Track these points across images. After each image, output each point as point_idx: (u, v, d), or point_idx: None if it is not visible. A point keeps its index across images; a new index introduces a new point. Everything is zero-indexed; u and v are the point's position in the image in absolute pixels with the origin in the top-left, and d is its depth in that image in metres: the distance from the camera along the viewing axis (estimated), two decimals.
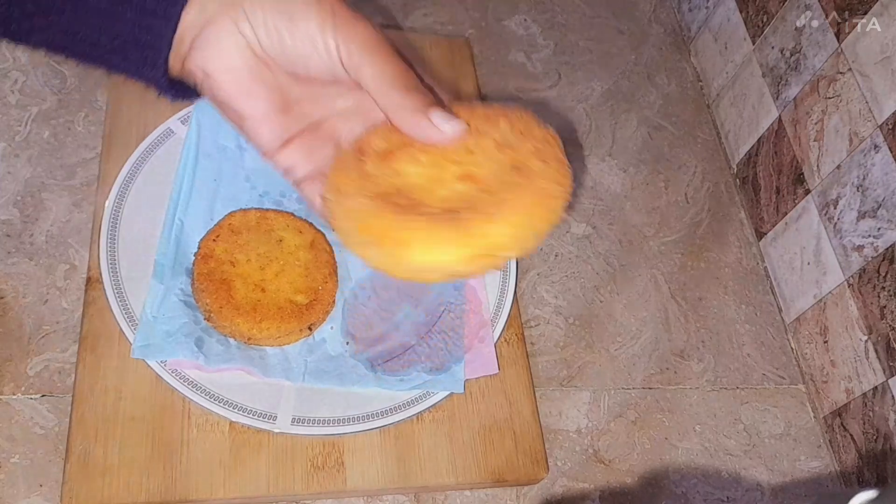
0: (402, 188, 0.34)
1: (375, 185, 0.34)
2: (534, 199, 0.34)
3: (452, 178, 0.35)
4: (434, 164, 0.35)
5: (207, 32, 0.35)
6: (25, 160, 0.63)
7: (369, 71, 0.35)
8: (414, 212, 0.33)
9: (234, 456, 0.53)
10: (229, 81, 0.36)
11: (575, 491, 0.60)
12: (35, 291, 0.58)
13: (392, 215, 0.33)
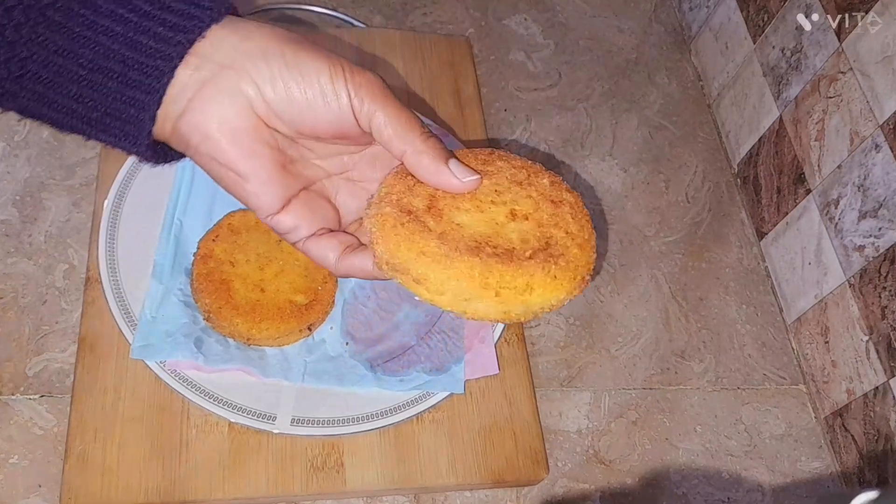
0: (478, 237, 0.36)
1: (456, 242, 0.35)
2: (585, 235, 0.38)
3: (505, 219, 0.37)
4: (478, 209, 0.37)
5: (205, 93, 0.34)
6: (24, 160, 0.63)
7: (383, 118, 0.35)
8: (518, 257, 0.35)
9: (234, 456, 0.53)
10: (230, 143, 0.35)
11: (575, 491, 0.60)
12: (34, 291, 0.58)
13: (502, 266, 0.35)
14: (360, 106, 0.35)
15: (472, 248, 0.35)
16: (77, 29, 0.32)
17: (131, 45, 0.32)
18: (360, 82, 0.35)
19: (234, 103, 0.34)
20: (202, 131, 0.34)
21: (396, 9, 0.82)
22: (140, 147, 0.35)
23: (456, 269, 0.34)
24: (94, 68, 0.33)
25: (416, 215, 0.36)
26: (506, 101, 0.78)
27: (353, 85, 0.35)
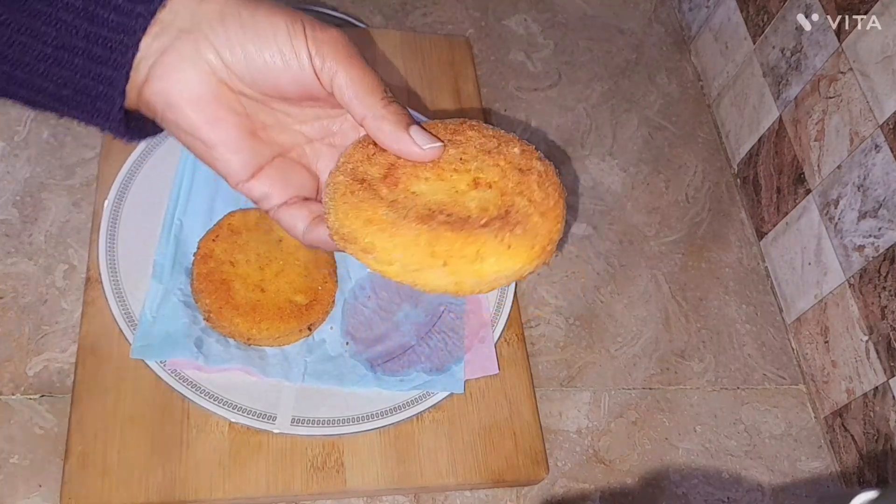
0: (432, 206, 0.34)
1: (407, 209, 0.34)
2: (554, 197, 0.36)
3: (466, 187, 0.35)
4: (439, 177, 0.36)
5: (166, 60, 0.33)
6: (25, 160, 0.63)
7: (345, 78, 0.34)
8: (471, 225, 0.33)
9: (234, 456, 0.53)
10: (194, 110, 0.34)
11: (575, 491, 0.60)
12: (34, 291, 0.58)
13: (452, 233, 0.33)
14: (321, 65, 0.34)
15: (422, 216, 0.33)
16: (38, 6, 0.32)
17: (93, 19, 0.32)
18: (322, 39, 0.34)
19: (196, 69, 0.33)
20: (165, 99, 0.34)
21: (396, 9, 0.82)
22: (113, 122, 0.35)
23: (402, 237, 0.33)
24: (59, 45, 0.32)
25: (370, 183, 0.35)
26: (506, 101, 0.78)
27: (313, 43, 0.34)
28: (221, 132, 0.35)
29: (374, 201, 0.34)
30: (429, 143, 0.36)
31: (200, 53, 0.33)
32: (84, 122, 0.35)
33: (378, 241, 0.33)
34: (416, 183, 0.35)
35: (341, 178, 0.35)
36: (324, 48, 0.34)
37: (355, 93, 0.34)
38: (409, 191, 0.35)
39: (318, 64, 0.34)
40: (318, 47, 0.34)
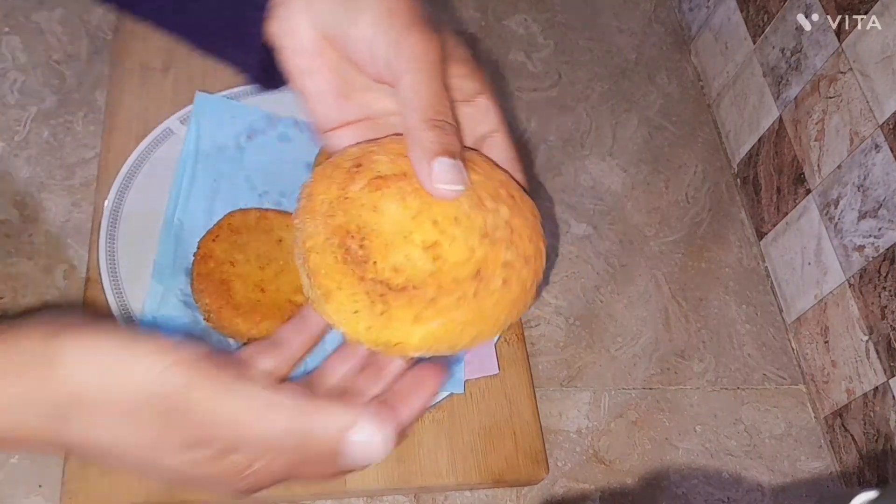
0: (366, 229, 0.33)
1: (344, 213, 0.33)
2: (469, 317, 0.34)
3: (420, 241, 0.33)
4: (417, 212, 0.34)
5: (284, 4, 0.35)
6: (24, 160, 0.63)
7: (404, 85, 0.33)
8: (357, 270, 0.33)
9: None
10: (294, 58, 0.36)
11: (575, 491, 0.60)
12: (34, 292, 0.58)
13: (333, 262, 0.33)
14: (388, 63, 0.34)
15: (337, 228, 0.33)
16: None
17: None
18: (399, 40, 0.33)
19: (303, 21, 0.35)
20: (275, 42, 0.36)
21: None
22: (253, 57, 0.37)
23: (309, 231, 0.34)
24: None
25: (360, 173, 0.34)
26: (506, 101, 0.78)
27: (391, 38, 0.33)
28: (314, 85, 0.37)
29: (334, 183, 0.34)
30: (446, 182, 0.33)
31: (309, 6, 0.35)
32: (226, 57, 0.38)
33: (301, 216, 0.34)
34: (392, 202, 0.34)
35: (350, 152, 0.35)
36: (399, 46, 0.33)
37: (406, 105, 0.33)
38: (375, 202, 0.34)
39: (388, 59, 0.34)
40: (394, 43, 0.33)
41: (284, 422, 0.31)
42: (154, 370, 0.30)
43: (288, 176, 0.64)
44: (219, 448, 0.31)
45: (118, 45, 0.66)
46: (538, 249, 0.36)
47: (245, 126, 0.64)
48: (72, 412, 0.30)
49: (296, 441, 0.31)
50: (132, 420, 0.30)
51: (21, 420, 0.30)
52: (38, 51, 0.67)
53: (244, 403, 0.31)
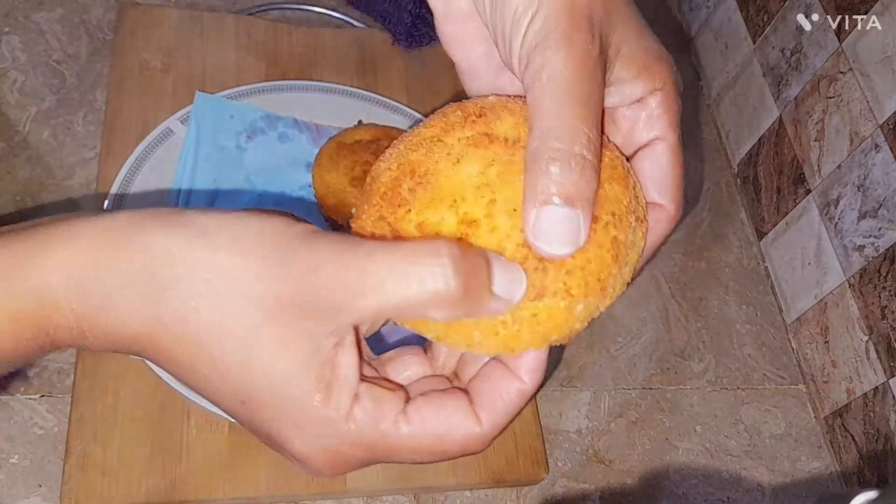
0: (430, 176, 0.30)
1: (426, 153, 0.30)
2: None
3: (463, 212, 0.29)
4: (488, 183, 0.29)
5: None
6: (24, 160, 0.63)
7: (531, 98, 0.27)
8: (386, 208, 0.30)
9: (234, 457, 0.53)
10: (448, 24, 0.33)
11: (575, 491, 0.60)
12: None
13: (377, 190, 0.31)
14: (526, 77, 0.28)
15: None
16: None
17: None
18: (547, 54, 0.27)
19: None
20: (432, 5, 0.33)
21: None
22: (404, 14, 0.35)
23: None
24: None
25: (413, 199, 0.30)
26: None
27: (535, 48, 0.27)
28: (464, 55, 0.34)
29: (376, 206, 0.31)
30: (549, 238, 0.26)
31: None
32: (374, 13, 0.35)
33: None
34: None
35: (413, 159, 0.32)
36: (543, 60, 0.27)
37: (533, 121, 0.27)
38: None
39: (524, 71, 0.28)
40: (539, 55, 0.27)
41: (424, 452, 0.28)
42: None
43: (288, 176, 0.64)
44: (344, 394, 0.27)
45: (118, 45, 0.66)
46: (570, 306, 0.29)
47: (245, 126, 0.64)
48: (170, 285, 0.26)
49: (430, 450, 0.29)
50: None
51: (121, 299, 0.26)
52: (38, 51, 0.67)
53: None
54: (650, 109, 0.30)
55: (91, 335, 0.26)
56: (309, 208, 0.62)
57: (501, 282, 0.26)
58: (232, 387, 0.26)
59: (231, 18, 0.70)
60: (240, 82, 0.66)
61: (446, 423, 0.28)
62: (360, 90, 0.68)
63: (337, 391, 0.26)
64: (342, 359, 0.26)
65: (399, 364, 0.32)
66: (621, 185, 0.30)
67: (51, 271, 0.25)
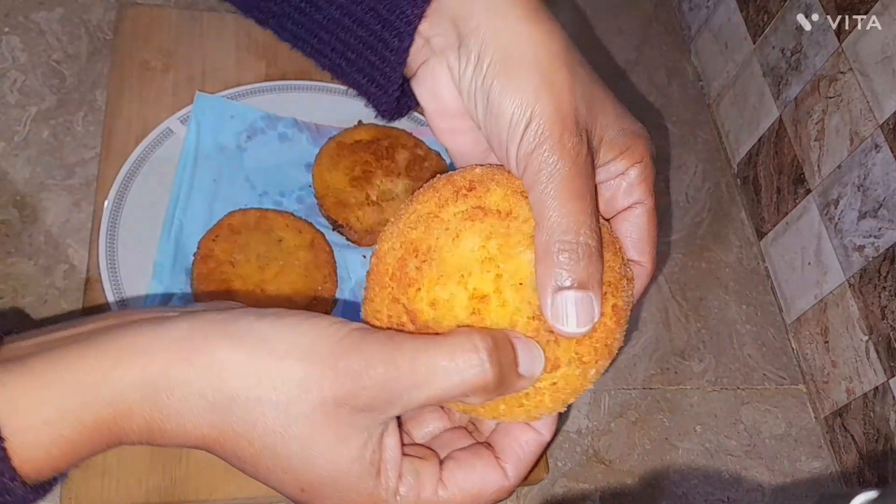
0: (433, 254, 0.32)
1: (425, 230, 0.32)
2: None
3: (472, 288, 0.31)
4: (491, 258, 0.31)
5: (427, 67, 0.34)
6: (24, 160, 0.63)
7: (534, 197, 0.30)
8: (397, 290, 0.32)
9: None
10: (437, 120, 0.36)
11: (575, 491, 0.60)
12: (34, 292, 0.58)
13: (384, 272, 0.32)
14: (525, 176, 0.31)
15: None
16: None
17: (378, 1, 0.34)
18: (540, 154, 0.30)
19: (448, 82, 0.34)
20: (419, 100, 0.36)
21: None
22: (388, 98, 0.37)
23: None
24: (347, 13, 0.35)
25: (430, 280, 0.32)
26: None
27: (533, 149, 0.30)
28: (456, 142, 0.36)
29: (389, 293, 0.33)
30: (567, 321, 0.30)
31: (451, 71, 0.34)
32: (359, 90, 0.38)
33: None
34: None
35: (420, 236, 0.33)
36: (535, 161, 0.30)
37: (539, 217, 0.30)
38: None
39: (524, 166, 0.31)
40: (531, 158, 0.30)
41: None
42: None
43: (288, 176, 0.64)
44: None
45: (118, 45, 0.66)
46: (584, 372, 0.32)
47: (245, 126, 0.64)
48: (232, 405, 0.29)
49: None
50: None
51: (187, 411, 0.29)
52: (38, 51, 0.67)
53: None
54: (630, 179, 0.35)
55: (160, 437, 0.29)
56: (309, 208, 0.62)
57: (525, 362, 0.30)
58: (294, 477, 0.30)
59: (231, 18, 0.70)
60: (240, 82, 0.66)
61: (479, 482, 0.32)
62: None
63: (384, 472, 0.30)
64: (388, 441, 0.30)
65: (420, 422, 0.36)
66: (611, 251, 0.33)
67: (126, 386, 0.28)
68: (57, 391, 0.28)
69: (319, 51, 0.38)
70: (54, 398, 0.28)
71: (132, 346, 0.29)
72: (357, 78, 0.38)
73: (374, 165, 0.63)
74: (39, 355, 0.29)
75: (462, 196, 0.32)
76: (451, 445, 0.34)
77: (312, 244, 0.59)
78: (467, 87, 0.33)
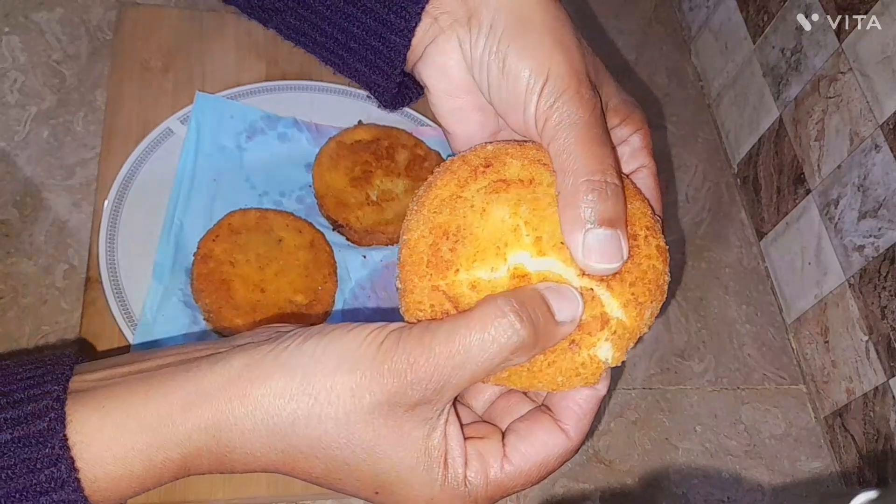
0: (464, 231, 0.32)
1: (450, 212, 0.32)
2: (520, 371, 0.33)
3: (513, 263, 0.31)
4: (524, 223, 0.31)
5: (436, 45, 0.35)
6: (25, 160, 0.63)
7: (556, 147, 0.31)
8: (435, 276, 0.32)
9: None
10: (444, 100, 0.36)
11: (575, 491, 0.60)
12: (34, 292, 0.58)
13: (419, 261, 0.32)
14: (542, 131, 0.32)
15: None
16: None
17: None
18: (558, 106, 0.31)
19: (456, 62, 0.35)
20: (425, 82, 0.36)
21: None
22: (390, 84, 0.37)
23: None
24: (352, 1, 0.36)
25: (460, 258, 0.31)
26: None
27: (551, 106, 0.31)
28: (462, 126, 0.37)
29: (427, 272, 0.33)
30: (599, 258, 0.30)
31: (461, 48, 0.34)
32: (363, 79, 0.38)
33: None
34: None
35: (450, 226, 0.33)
36: (554, 114, 0.31)
37: (562, 164, 0.31)
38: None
39: (541, 128, 0.32)
40: (549, 113, 0.31)
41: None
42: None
43: (288, 176, 0.64)
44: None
45: (118, 45, 0.66)
46: (640, 313, 0.32)
47: (245, 126, 0.64)
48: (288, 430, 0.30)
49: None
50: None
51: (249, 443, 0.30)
52: (38, 51, 0.67)
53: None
54: (634, 145, 0.37)
55: (230, 467, 0.31)
56: (309, 208, 0.62)
57: (561, 308, 0.30)
58: (365, 483, 0.31)
59: (231, 18, 0.70)
60: (240, 82, 0.66)
61: (543, 450, 0.33)
62: (360, 90, 0.68)
63: (451, 461, 0.31)
64: (450, 429, 0.31)
65: (476, 392, 0.36)
66: (639, 199, 0.34)
67: (192, 429, 0.30)
68: (127, 431, 0.29)
69: (322, 44, 0.38)
70: (125, 438, 0.29)
71: (195, 391, 0.30)
72: (359, 67, 0.38)
73: (374, 165, 0.63)
74: (108, 391, 0.30)
75: (481, 173, 0.32)
76: (510, 414, 0.35)
77: (312, 244, 0.59)
78: (479, 56, 0.33)
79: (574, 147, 0.31)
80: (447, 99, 0.36)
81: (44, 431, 0.29)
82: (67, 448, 0.29)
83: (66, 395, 0.30)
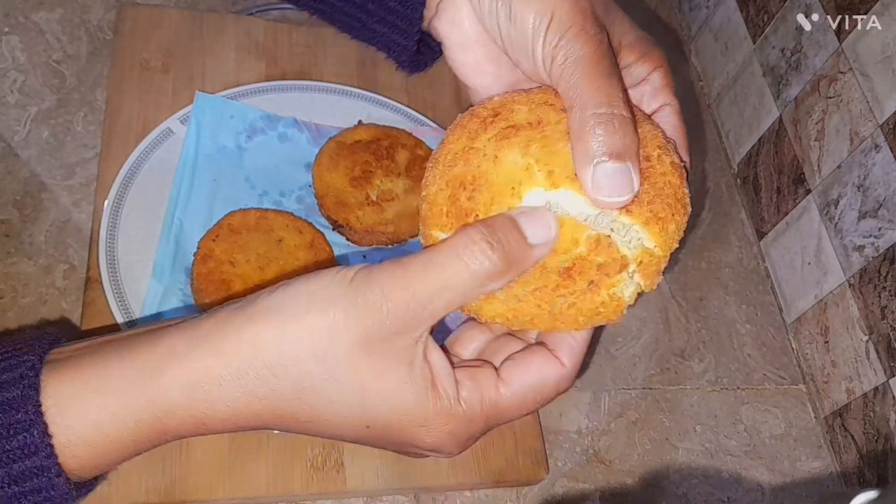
0: (480, 180, 0.32)
1: (465, 164, 0.32)
2: (535, 312, 0.33)
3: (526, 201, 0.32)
4: (535, 160, 0.31)
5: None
6: (25, 160, 0.63)
7: (564, 85, 0.31)
8: (459, 224, 0.32)
9: (234, 457, 0.53)
10: (459, 53, 0.36)
11: (575, 491, 0.60)
12: (34, 292, 0.58)
13: (440, 213, 0.33)
14: (552, 72, 0.32)
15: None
16: None
17: None
18: (564, 43, 0.31)
19: (470, 14, 0.35)
20: (441, 36, 0.36)
21: None
22: (409, 42, 0.37)
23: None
24: None
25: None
26: None
27: (556, 45, 0.31)
28: (478, 79, 0.37)
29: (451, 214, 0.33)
30: (610, 192, 0.30)
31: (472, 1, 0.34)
32: (380, 42, 0.38)
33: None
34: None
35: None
36: (561, 52, 0.31)
37: (571, 100, 0.31)
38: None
39: (551, 69, 0.32)
40: (556, 51, 0.31)
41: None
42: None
43: (288, 176, 0.64)
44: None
45: (118, 45, 0.66)
46: (664, 228, 0.32)
47: (245, 126, 0.64)
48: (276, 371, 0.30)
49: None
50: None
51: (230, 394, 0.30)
52: (38, 51, 0.67)
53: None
54: (655, 84, 0.35)
55: (211, 426, 0.31)
56: (309, 208, 0.62)
57: (534, 232, 0.30)
58: (355, 419, 0.31)
59: (231, 18, 0.70)
60: (240, 82, 0.66)
61: (538, 373, 0.33)
62: (360, 90, 0.68)
63: (440, 384, 0.31)
64: (432, 357, 0.31)
65: (465, 339, 0.36)
66: (649, 123, 0.34)
67: (166, 389, 0.30)
68: (99, 394, 0.30)
69: (340, 8, 0.38)
70: (97, 400, 0.30)
71: (167, 352, 0.31)
72: (378, 28, 0.38)
73: (374, 165, 0.63)
74: (82, 358, 0.31)
75: (490, 123, 0.33)
76: (502, 352, 0.35)
77: (312, 244, 0.59)
78: (487, 5, 0.33)
79: (580, 81, 0.30)
80: (462, 52, 0.36)
81: (17, 398, 0.29)
82: (41, 413, 0.29)
83: (42, 365, 0.30)
